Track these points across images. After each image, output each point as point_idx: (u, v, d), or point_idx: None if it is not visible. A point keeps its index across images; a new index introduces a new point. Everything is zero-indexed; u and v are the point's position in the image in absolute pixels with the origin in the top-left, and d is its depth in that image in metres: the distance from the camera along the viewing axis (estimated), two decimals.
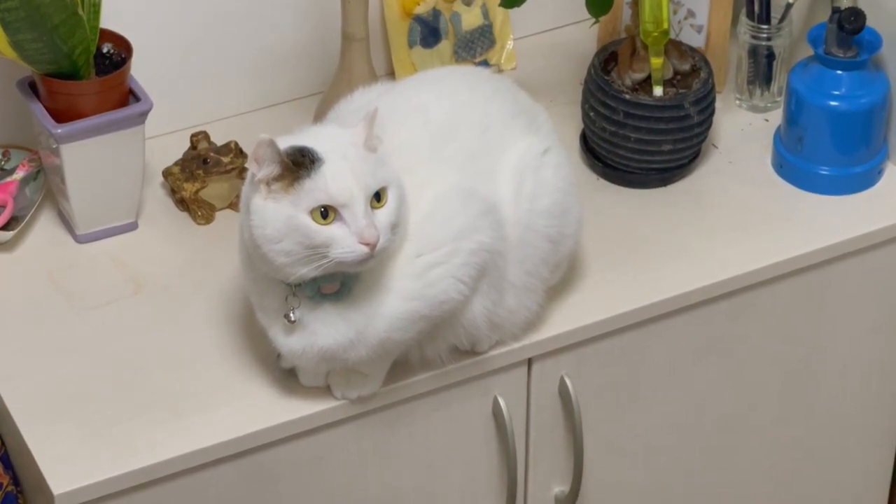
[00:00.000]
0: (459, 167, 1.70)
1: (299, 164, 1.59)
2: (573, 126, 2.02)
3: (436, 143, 1.71)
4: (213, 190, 1.93)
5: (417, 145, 1.70)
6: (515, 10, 1.92)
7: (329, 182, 1.59)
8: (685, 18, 2.08)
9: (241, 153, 1.95)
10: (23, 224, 1.89)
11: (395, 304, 1.63)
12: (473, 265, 1.67)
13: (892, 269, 2.02)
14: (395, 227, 1.61)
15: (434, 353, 1.76)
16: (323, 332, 1.62)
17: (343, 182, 1.59)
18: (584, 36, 2.13)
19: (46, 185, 1.94)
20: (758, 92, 2.08)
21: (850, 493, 2.23)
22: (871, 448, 2.21)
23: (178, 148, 1.98)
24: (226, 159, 1.94)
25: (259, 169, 1.58)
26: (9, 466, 1.77)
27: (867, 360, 2.10)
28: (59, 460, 1.66)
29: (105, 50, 1.88)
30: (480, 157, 1.72)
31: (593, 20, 1.93)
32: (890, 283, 2.03)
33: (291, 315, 1.65)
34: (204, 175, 1.93)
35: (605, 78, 1.96)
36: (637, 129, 1.94)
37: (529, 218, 1.73)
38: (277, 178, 1.59)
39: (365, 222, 1.60)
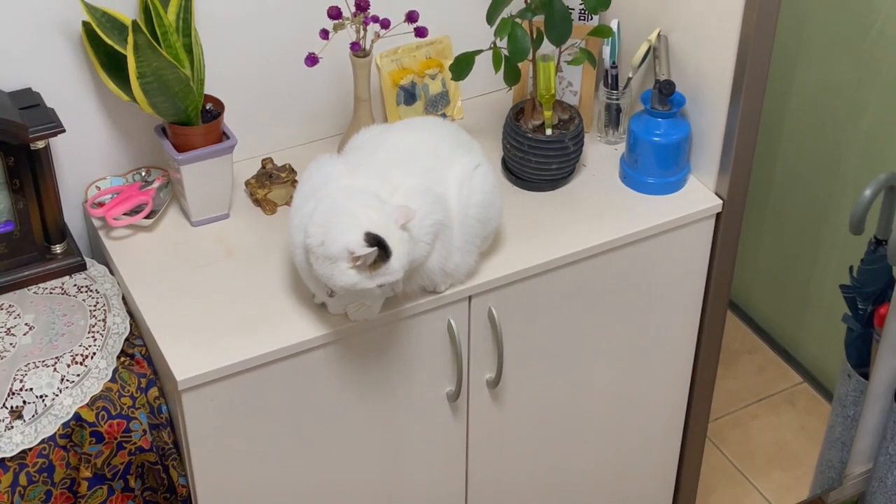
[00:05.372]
0: (419, 176, 1.70)
1: (381, 255, 1.57)
2: (497, 153, 2.03)
3: (402, 162, 1.71)
4: (276, 194, 1.94)
5: (391, 164, 1.70)
6: (462, 81, 1.92)
7: (395, 271, 1.59)
8: (567, 87, 2.07)
9: (292, 171, 1.94)
10: (158, 215, 1.91)
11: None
12: (432, 233, 1.69)
13: (693, 241, 2.00)
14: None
15: (410, 290, 1.76)
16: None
17: (400, 271, 1.60)
18: (504, 97, 2.13)
19: (173, 191, 1.94)
20: (611, 132, 2.07)
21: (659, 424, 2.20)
22: (669, 393, 2.16)
23: (253, 167, 1.99)
24: (283, 175, 1.94)
25: (362, 260, 1.56)
26: (151, 363, 1.77)
27: (680, 307, 2.07)
28: (181, 359, 1.69)
29: (208, 107, 1.89)
30: (434, 169, 1.73)
31: (509, 88, 1.94)
32: (691, 252, 2.02)
33: (329, 294, 1.67)
34: (270, 184, 1.94)
35: (516, 123, 1.96)
36: (536, 155, 1.95)
37: (467, 208, 1.74)
38: (366, 262, 1.58)
39: (400, 288, 1.63)
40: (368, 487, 1.95)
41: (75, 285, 1.83)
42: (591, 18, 2.03)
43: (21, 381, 1.67)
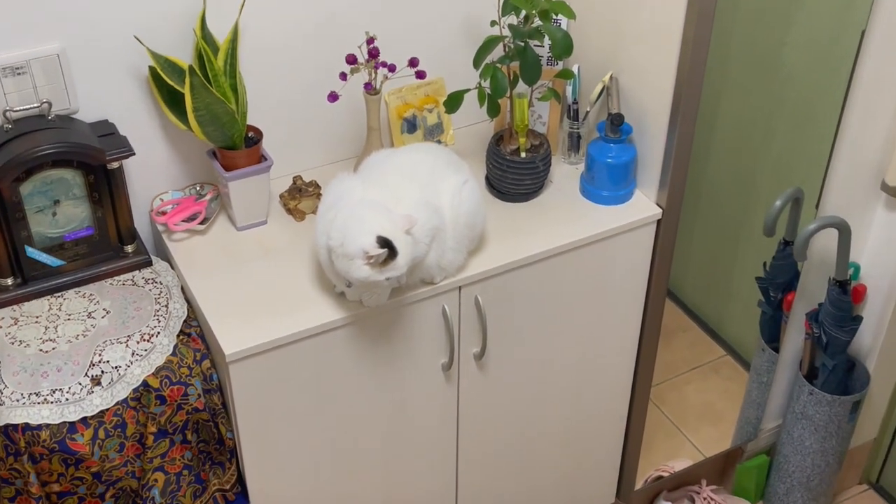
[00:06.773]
0: (419, 189, 1.69)
1: (389, 254, 1.57)
2: (482, 171, 2.02)
3: (406, 178, 1.70)
4: (304, 204, 1.93)
5: (397, 180, 1.70)
6: (453, 114, 1.92)
7: (400, 267, 1.57)
8: (537, 118, 2.05)
9: (318, 186, 1.92)
10: (210, 222, 1.90)
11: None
12: (430, 236, 1.68)
13: (638, 242, 2.00)
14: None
15: (412, 282, 1.76)
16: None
17: (405, 266, 1.59)
18: (487, 127, 2.12)
19: (221, 202, 1.93)
20: (572, 155, 2.06)
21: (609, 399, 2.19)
22: (619, 363, 2.14)
23: (286, 183, 1.98)
24: (310, 189, 1.93)
25: (374, 258, 1.56)
26: (204, 340, 1.75)
27: (628, 295, 2.05)
28: (228, 337, 1.68)
29: (249, 135, 1.86)
30: (431, 185, 1.72)
31: (491, 119, 1.92)
32: (637, 250, 2.01)
33: (347, 284, 1.66)
34: (299, 196, 1.92)
35: (497, 148, 1.95)
36: (512, 173, 1.94)
37: (457, 216, 1.73)
38: (378, 260, 1.57)
39: (404, 280, 1.63)
40: (378, 440, 1.95)
41: (143, 278, 1.83)
42: (557, 63, 2.02)
43: (100, 354, 1.68)
